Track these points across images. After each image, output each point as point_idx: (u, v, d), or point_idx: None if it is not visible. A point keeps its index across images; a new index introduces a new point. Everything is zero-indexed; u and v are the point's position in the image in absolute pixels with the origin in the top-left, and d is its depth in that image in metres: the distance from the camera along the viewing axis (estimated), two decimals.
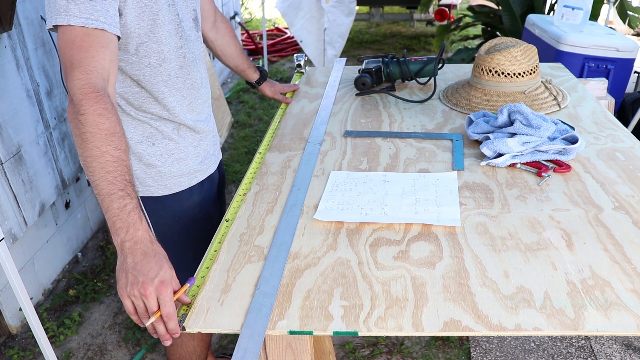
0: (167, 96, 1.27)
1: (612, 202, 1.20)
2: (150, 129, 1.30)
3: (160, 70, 1.24)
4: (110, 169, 0.95)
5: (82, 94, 0.97)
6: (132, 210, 0.94)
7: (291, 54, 5.98)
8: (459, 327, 0.88)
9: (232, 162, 3.64)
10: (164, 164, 1.33)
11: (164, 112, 1.30)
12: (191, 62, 1.31)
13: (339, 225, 1.17)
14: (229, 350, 2.15)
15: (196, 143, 1.40)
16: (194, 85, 1.34)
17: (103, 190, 0.94)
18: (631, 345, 2.09)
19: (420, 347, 2.12)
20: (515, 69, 1.69)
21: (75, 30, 1.00)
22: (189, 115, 1.35)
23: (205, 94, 1.41)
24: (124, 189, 0.95)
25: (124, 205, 0.94)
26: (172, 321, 0.90)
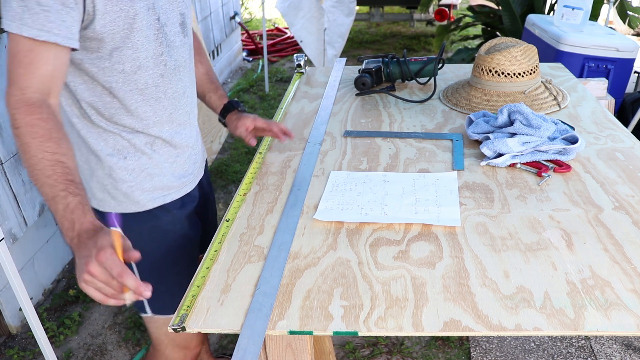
0: (141, 106, 1.19)
1: (612, 202, 1.20)
2: (122, 142, 1.21)
3: (135, 78, 1.15)
4: (49, 173, 0.95)
5: (15, 108, 0.98)
6: (75, 207, 0.93)
7: (291, 54, 5.98)
8: (459, 327, 0.88)
9: (232, 162, 3.64)
10: (135, 179, 1.24)
11: (137, 124, 1.21)
12: (173, 70, 1.22)
13: (339, 225, 1.17)
14: (229, 351, 2.15)
15: (172, 159, 1.30)
16: (175, 95, 1.25)
17: (47, 195, 0.95)
18: (631, 345, 2.09)
19: (420, 347, 2.12)
20: (515, 69, 1.69)
21: (22, 42, 0.97)
22: (166, 127, 1.25)
23: (188, 104, 1.32)
24: (65, 189, 0.95)
25: (67, 205, 0.93)
26: (128, 278, 0.84)
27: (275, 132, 1.43)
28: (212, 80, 1.49)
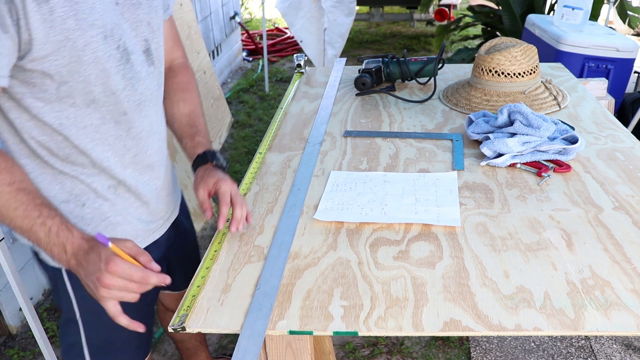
0: (98, 145, 1.02)
1: (612, 202, 1.20)
2: (80, 186, 1.05)
3: (89, 113, 0.98)
4: (14, 205, 0.89)
5: None
6: (58, 229, 0.90)
7: (291, 54, 5.98)
8: (459, 327, 0.88)
9: (232, 162, 3.64)
10: (94, 229, 1.08)
11: (96, 166, 1.04)
12: (137, 105, 1.05)
13: (339, 225, 1.17)
14: (229, 351, 2.15)
15: (139, 204, 1.14)
16: (141, 133, 1.08)
17: (22, 227, 0.90)
18: (631, 345, 2.09)
19: (420, 347, 2.12)
20: (515, 69, 1.69)
21: None
22: (130, 170, 1.09)
23: (157, 141, 1.15)
24: (39, 215, 0.90)
25: (48, 230, 0.89)
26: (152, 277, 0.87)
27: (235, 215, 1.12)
28: (194, 123, 1.25)
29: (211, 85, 3.71)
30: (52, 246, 0.90)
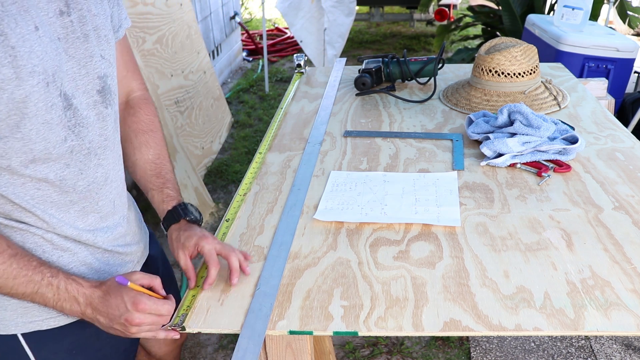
0: (40, 203, 0.90)
1: (612, 202, 1.20)
2: (32, 238, 0.93)
3: (27, 174, 0.86)
4: (13, 274, 0.85)
5: None
6: (66, 285, 0.88)
7: (291, 54, 5.98)
8: (459, 327, 0.88)
9: (232, 162, 3.64)
10: None
11: (43, 224, 0.92)
12: (85, 156, 0.92)
13: (339, 225, 1.17)
14: (229, 351, 2.15)
15: (101, 252, 1.02)
16: (91, 185, 0.95)
17: (26, 293, 0.87)
18: (631, 345, 2.09)
19: (420, 347, 2.12)
20: (515, 69, 1.69)
21: None
22: (81, 223, 0.97)
23: (115, 189, 1.02)
24: (42, 277, 0.87)
25: (56, 289, 0.88)
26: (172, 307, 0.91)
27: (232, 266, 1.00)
28: (160, 171, 1.10)
29: (211, 85, 3.71)
30: (62, 302, 0.89)
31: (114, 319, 0.88)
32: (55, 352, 1.02)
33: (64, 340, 1.02)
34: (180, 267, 1.02)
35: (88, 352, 1.07)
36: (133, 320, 0.87)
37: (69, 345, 1.03)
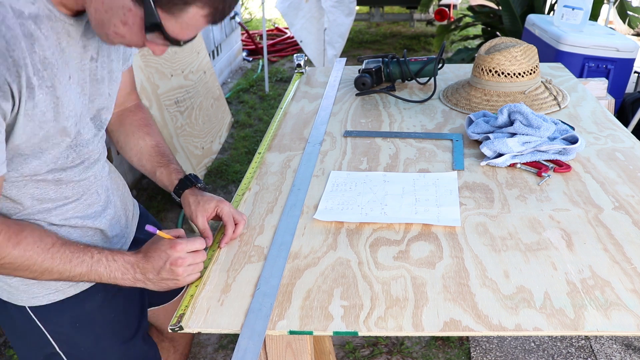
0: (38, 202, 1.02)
1: (612, 202, 1.20)
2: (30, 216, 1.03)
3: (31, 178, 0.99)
4: (67, 258, 0.97)
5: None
6: (113, 257, 1.00)
7: (291, 54, 5.97)
8: (459, 327, 0.88)
9: (232, 162, 3.64)
10: None
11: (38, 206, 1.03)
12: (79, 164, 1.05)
13: (339, 225, 1.17)
14: (229, 351, 2.15)
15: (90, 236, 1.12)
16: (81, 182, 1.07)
17: (82, 272, 0.98)
18: (631, 345, 2.09)
19: (420, 347, 2.12)
20: (515, 69, 1.69)
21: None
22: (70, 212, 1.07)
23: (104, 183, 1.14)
24: (91, 256, 0.99)
25: (105, 261, 0.99)
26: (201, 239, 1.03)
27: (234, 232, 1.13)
28: (163, 152, 1.23)
29: (211, 85, 3.71)
30: (114, 273, 1.00)
31: (161, 269, 0.99)
32: (60, 324, 1.12)
33: (65, 314, 1.12)
34: (198, 229, 1.13)
35: (91, 325, 1.15)
36: (176, 261, 0.98)
37: (70, 318, 1.13)
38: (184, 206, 1.17)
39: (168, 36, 0.85)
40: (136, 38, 0.88)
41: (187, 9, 0.82)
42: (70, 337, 1.14)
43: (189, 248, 0.99)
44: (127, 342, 1.21)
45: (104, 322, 1.17)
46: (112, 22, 0.85)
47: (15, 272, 0.95)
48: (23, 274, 0.96)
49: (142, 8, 0.82)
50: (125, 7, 0.83)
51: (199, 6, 0.82)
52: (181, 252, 0.98)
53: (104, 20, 0.85)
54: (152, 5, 0.81)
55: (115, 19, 0.85)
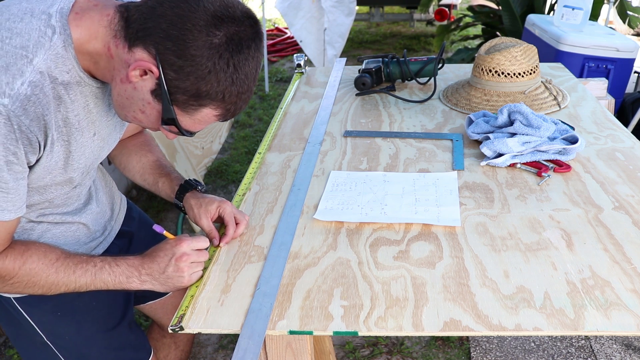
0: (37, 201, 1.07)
1: (612, 202, 1.20)
2: None
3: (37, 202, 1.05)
4: (71, 270, 1.00)
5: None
6: (115, 264, 1.02)
7: (291, 54, 5.97)
8: (459, 327, 0.88)
9: (232, 162, 3.64)
10: None
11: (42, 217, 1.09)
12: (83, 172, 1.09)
13: (339, 225, 1.17)
14: (229, 351, 2.15)
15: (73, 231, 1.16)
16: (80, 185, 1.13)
17: (87, 282, 1.01)
18: (631, 345, 2.09)
19: (420, 347, 2.12)
20: (515, 69, 1.69)
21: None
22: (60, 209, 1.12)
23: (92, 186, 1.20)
24: (94, 265, 1.01)
25: (109, 267, 1.02)
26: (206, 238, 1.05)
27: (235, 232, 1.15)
28: (164, 165, 1.30)
29: None
30: (119, 278, 1.02)
31: (166, 266, 1.00)
32: (43, 314, 1.15)
33: (47, 303, 1.14)
34: (204, 230, 1.15)
35: (72, 314, 1.18)
36: (181, 257, 1.00)
37: (52, 307, 1.15)
38: (187, 210, 1.20)
39: (181, 129, 0.95)
40: (152, 125, 0.98)
41: (201, 110, 0.92)
42: (54, 326, 1.17)
43: (193, 245, 1.01)
44: (111, 330, 1.24)
45: (85, 310, 1.19)
46: (132, 108, 0.95)
47: (25, 290, 1.00)
48: (33, 290, 0.99)
49: (160, 103, 0.91)
50: (145, 100, 0.92)
51: (212, 108, 0.92)
52: (186, 248, 1.01)
53: (125, 105, 0.95)
54: (169, 103, 0.90)
55: (135, 107, 0.94)
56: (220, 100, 0.90)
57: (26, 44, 0.86)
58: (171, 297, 1.41)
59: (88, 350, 1.21)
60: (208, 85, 0.88)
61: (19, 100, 0.85)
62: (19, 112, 0.85)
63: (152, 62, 0.87)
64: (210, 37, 0.85)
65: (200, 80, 0.87)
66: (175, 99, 0.90)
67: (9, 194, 0.90)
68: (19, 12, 0.88)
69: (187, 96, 0.89)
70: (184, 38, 0.85)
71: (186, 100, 0.90)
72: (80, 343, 1.20)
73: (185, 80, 0.87)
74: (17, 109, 0.84)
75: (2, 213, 0.91)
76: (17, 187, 0.91)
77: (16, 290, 0.99)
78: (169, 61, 0.86)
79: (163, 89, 0.88)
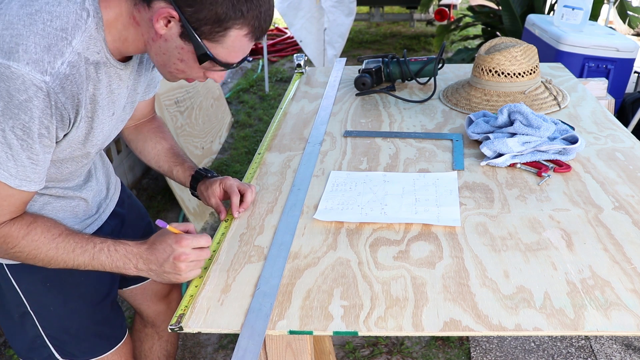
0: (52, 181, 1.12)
1: (612, 202, 1.20)
2: None
3: None
4: (71, 247, 1.02)
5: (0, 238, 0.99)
6: (115, 247, 1.03)
7: (291, 54, 5.97)
8: (459, 327, 0.88)
9: (232, 162, 3.64)
10: None
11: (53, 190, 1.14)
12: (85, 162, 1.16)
13: (339, 225, 1.17)
14: (229, 351, 2.15)
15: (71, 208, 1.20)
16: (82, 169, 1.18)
17: (85, 261, 1.03)
18: (631, 345, 2.09)
19: (420, 347, 2.12)
20: (515, 69, 1.69)
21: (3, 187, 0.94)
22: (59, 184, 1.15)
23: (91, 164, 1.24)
24: (94, 245, 1.03)
25: (107, 251, 1.03)
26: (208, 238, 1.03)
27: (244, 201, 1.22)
28: (178, 153, 1.36)
29: (211, 85, 3.71)
30: (116, 262, 1.03)
31: (164, 261, 1.00)
32: (32, 283, 1.17)
33: (38, 274, 1.17)
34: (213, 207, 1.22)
35: (61, 286, 1.20)
36: (180, 256, 0.99)
37: (42, 278, 1.18)
38: (201, 197, 1.27)
39: (220, 62, 0.97)
40: (194, 71, 1.01)
41: (228, 33, 0.93)
42: (41, 296, 1.19)
43: (194, 244, 1.01)
44: (95, 305, 1.27)
45: (74, 283, 1.22)
46: (171, 61, 0.99)
47: (27, 260, 1.02)
48: (34, 262, 1.02)
49: (191, 44, 0.94)
50: (178, 46, 0.95)
51: (238, 27, 0.93)
52: (186, 248, 1.00)
53: (165, 61, 0.99)
54: (198, 39, 0.93)
55: (174, 59, 0.98)
56: (241, 18, 0.92)
57: (65, 26, 0.91)
58: (152, 283, 1.45)
59: (70, 322, 1.23)
60: (224, 6, 0.90)
61: (59, 78, 0.90)
62: (58, 89, 0.90)
63: (170, 7, 0.91)
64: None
65: (215, 4, 0.90)
66: (201, 32, 0.92)
67: (37, 166, 0.95)
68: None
69: (210, 25, 0.91)
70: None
71: (211, 29, 0.92)
72: (65, 315, 1.23)
73: (203, 10, 0.90)
74: (56, 87, 0.90)
75: (29, 184, 0.95)
76: (44, 160, 0.96)
77: (18, 259, 1.02)
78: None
79: (187, 27, 0.91)
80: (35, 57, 0.87)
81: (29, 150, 0.92)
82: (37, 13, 0.90)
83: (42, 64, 0.88)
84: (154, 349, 1.56)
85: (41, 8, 0.90)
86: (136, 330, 1.57)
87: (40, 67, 0.88)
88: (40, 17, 0.90)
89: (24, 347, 1.24)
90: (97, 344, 1.29)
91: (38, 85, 0.88)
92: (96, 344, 1.29)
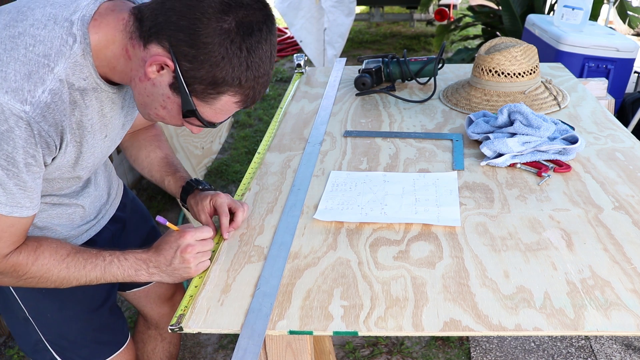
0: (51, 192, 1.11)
1: (612, 202, 1.20)
2: None
3: None
4: (81, 265, 1.02)
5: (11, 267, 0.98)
6: (124, 257, 1.05)
7: (291, 54, 5.97)
8: (459, 327, 0.88)
9: (232, 162, 3.64)
10: None
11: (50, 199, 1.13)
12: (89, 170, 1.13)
13: (339, 225, 1.17)
14: (229, 351, 2.15)
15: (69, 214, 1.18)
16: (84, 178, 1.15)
17: (97, 276, 1.04)
18: (631, 345, 2.09)
19: (420, 347, 2.12)
20: (515, 69, 1.69)
21: None
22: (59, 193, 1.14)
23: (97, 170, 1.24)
24: (103, 259, 1.04)
25: (117, 261, 1.04)
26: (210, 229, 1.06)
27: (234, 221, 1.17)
28: (171, 163, 1.33)
29: None
30: (127, 271, 1.05)
31: (172, 258, 1.03)
32: (29, 289, 1.16)
33: None
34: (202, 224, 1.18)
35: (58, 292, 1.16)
36: (186, 248, 1.01)
37: None
38: (190, 211, 1.24)
39: (204, 120, 0.96)
40: (174, 120, 0.99)
41: (220, 98, 0.92)
42: (37, 302, 1.19)
43: (197, 236, 1.03)
44: (93, 311, 1.26)
45: (70, 290, 1.17)
46: (153, 105, 0.96)
47: (38, 285, 1.02)
48: (46, 285, 1.02)
49: (179, 96, 0.92)
50: (165, 94, 0.93)
51: (231, 94, 0.92)
52: (190, 240, 1.02)
53: (147, 103, 0.97)
54: (188, 95, 0.91)
55: (156, 104, 0.96)
56: (237, 86, 0.90)
57: (48, 52, 0.88)
58: (155, 286, 1.45)
59: (68, 329, 1.23)
60: (223, 72, 0.88)
61: (39, 107, 0.87)
62: (39, 118, 0.87)
63: (167, 56, 0.88)
64: (220, 23, 0.85)
65: (215, 67, 0.87)
66: (193, 89, 0.90)
67: (26, 191, 0.93)
68: (43, 18, 0.89)
69: (204, 85, 0.89)
70: (195, 27, 0.86)
71: (204, 89, 0.90)
72: (61, 322, 1.22)
73: (200, 69, 0.87)
74: (37, 116, 0.87)
75: (22, 210, 0.94)
76: (35, 186, 0.94)
77: (30, 284, 1.01)
78: (182, 52, 0.87)
79: (180, 81, 0.89)
80: (15, 86, 0.84)
81: (15, 178, 0.89)
82: (19, 36, 0.87)
83: (22, 93, 0.85)
84: (156, 351, 1.56)
85: (25, 31, 0.87)
86: (139, 332, 1.57)
87: (19, 97, 0.84)
88: (22, 41, 0.87)
89: (29, 348, 1.25)
90: (97, 350, 1.28)
91: (18, 115, 0.84)
92: (96, 349, 1.28)
